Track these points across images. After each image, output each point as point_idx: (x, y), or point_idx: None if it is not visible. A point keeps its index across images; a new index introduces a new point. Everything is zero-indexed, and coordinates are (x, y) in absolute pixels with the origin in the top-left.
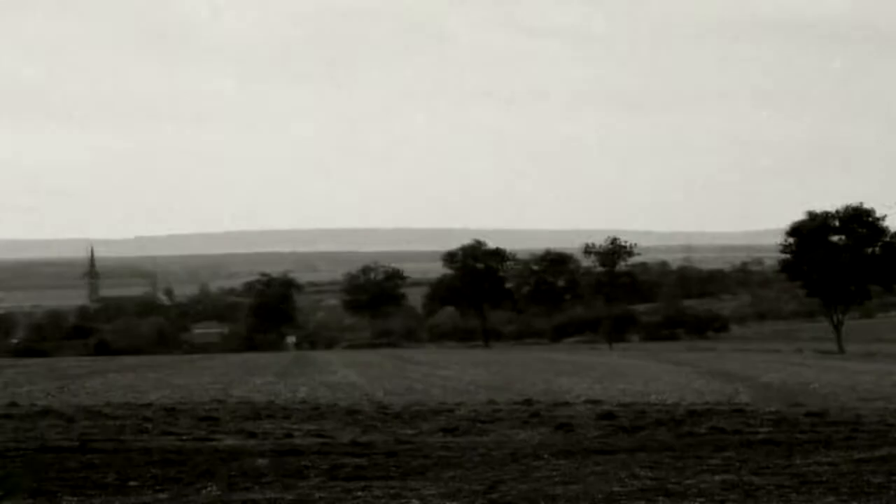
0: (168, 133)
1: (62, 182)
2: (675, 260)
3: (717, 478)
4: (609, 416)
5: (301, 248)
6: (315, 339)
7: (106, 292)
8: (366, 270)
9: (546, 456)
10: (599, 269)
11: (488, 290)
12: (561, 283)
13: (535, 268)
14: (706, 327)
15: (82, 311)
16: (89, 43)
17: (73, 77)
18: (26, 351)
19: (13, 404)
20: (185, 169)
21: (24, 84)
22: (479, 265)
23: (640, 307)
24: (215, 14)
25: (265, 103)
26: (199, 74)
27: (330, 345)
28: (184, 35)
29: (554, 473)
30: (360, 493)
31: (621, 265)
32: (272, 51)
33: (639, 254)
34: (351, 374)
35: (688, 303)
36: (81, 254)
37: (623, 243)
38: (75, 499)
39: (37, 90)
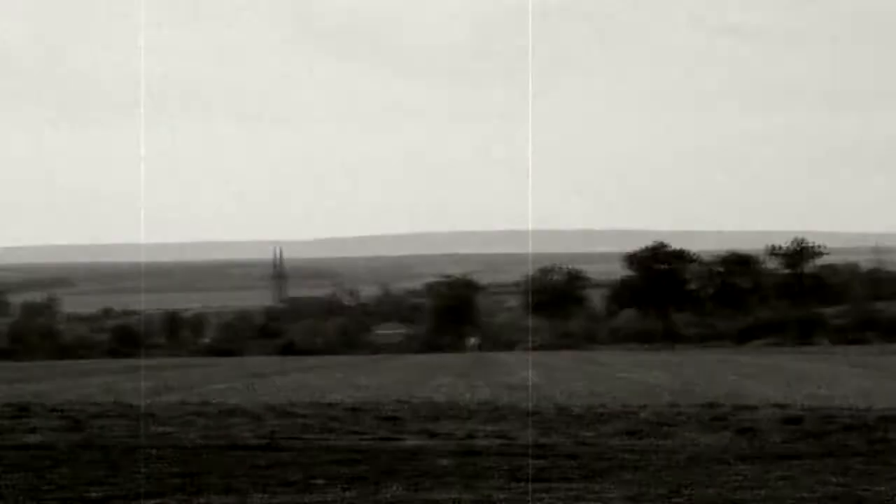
0: (360, 134)
1: (250, 184)
2: (865, 262)
3: None
4: (795, 420)
5: (486, 250)
6: (496, 341)
7: (292, 293)
8: (546, 272)
9: (730, 460)
10: (785, 270)
11: (671, 291)
12: (745, 284)
13: (719, 269)
14: None
15: (269, 312)
16: (273, 45)
17: (258, 78)
18: (216, 350)
19: (204, 402)
20: (369, 170)
21: (211, 86)
22: (662, 267)
23: (829, 310)
24: (400, 15)
25: (450, 104)
26: (382, 76)
27: (511, 346)
28: (372, 37)
29: (738, 478)
30: (541, 495)
31: (808, 267)
32: (456, 51)
33: (827, 254)
34: (532, 376)
35: (879, 305)
36: (269, 255)
37: (809, 244)
38: (263, 496)
39: (225, 92)
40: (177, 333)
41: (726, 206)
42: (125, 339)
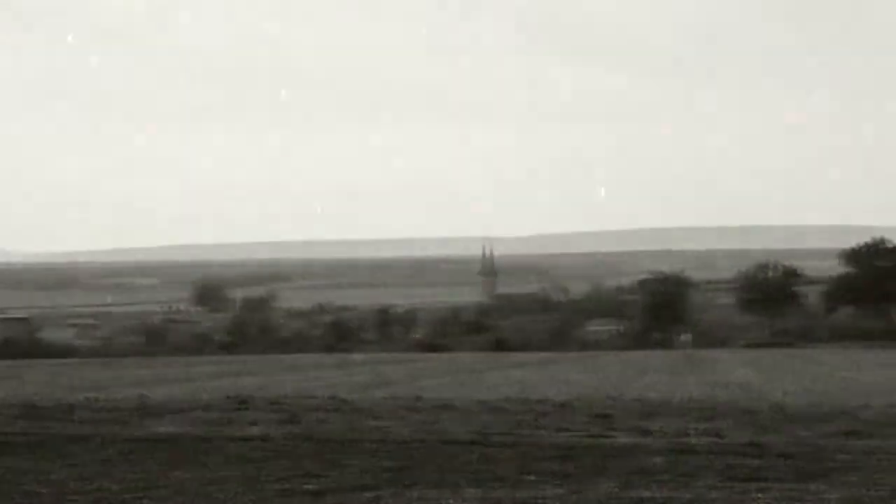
0: (573, 132)
1: (461, 181)
2: None
3: None
4: None
5: (696, 246)
6: (708, 338)
7: (502, 289)
8: (762, 268)
9: None
10: None
11: (891, 288)
12: None
13: None
14: None
15: (480, 308)
16: (483, 42)
17: (469, 76)
18: (428, 346)
19: (418, 398)
20: (580, 168)
21: (423, 85)
22: (882, 263)
23: None
24: (615, 11)
25: (666, 101)
26: (595, 72)
27: (723, 343)
28: (580, 34)
29: None
30: (756, 495)
31: None
32: (675, 49)
33: None
34: (746, 374)
35: None
36: (480, 251)
37: None
38: (476, 490)
39: (436, 90)
40: (389, 329)
41: None
42: (339, 334)
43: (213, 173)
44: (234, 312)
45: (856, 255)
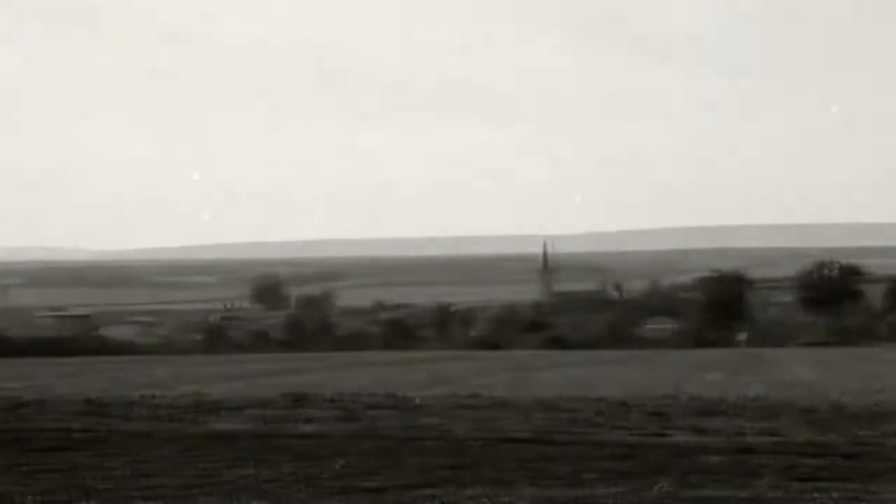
0: (612, 129)
1: (517, 179)
2: None
3: None
4: None
5: (756, 244)
6: (767, 337)
7: (560, 287)
8: (822, 266)
9: None
10: None
11: None
12: None
13: None
14: None
15: (537, 306)
16: (535, 41)
17: (522, 74)
18: (484, 343)
19: (474, 395)
20: (636, 165)
21: (478, 84)
22: None
23: None
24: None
25: (720, 97)
26: (650, 68)
27: (782, 342)
28: (635, 30)
29: None
30: (816, 495)
31: None
32: (730, 46)
33: None
34: (806, 373)
35: None
36: (536, 249)
37: None
38: (533, 489)
39: (490, 89)
40: (446, 327)
41: None
42: (397, 331)
43: (265, 173)
44: (292, 310)
45: None
